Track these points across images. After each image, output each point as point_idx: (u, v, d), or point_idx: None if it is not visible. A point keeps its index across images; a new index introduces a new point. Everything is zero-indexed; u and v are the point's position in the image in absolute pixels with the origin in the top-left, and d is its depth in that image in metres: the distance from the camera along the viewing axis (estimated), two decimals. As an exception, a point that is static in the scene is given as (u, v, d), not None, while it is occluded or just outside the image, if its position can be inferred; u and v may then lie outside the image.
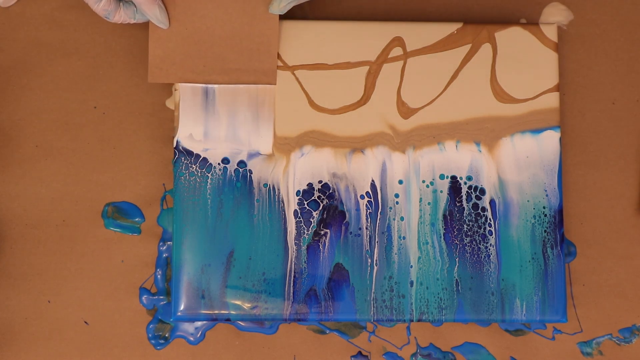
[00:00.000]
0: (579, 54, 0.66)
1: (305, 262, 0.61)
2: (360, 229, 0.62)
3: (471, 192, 0.62)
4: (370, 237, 0.62)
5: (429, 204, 0.62)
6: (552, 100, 0.63)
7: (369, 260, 0.61)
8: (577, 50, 0.66)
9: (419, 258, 0.62)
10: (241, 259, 0.61)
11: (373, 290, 0.61)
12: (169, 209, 0.64)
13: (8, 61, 0.65)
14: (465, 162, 0.63)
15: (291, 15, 0.66)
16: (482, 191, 0.62)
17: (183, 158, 0.62)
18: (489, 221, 0.62)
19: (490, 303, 0.61)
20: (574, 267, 0.65)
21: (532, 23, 0.64)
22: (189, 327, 0.63)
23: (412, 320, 0.61)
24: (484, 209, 0.62)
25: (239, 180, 0.62)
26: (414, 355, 0.64)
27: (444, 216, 0.62)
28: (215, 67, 0.62)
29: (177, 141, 0.62)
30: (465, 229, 0.62)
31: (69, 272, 0.63)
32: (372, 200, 0.62)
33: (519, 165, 0.63)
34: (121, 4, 0.60)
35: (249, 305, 0.61)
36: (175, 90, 0.62)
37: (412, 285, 0.61)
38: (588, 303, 0.64)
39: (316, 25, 0.63)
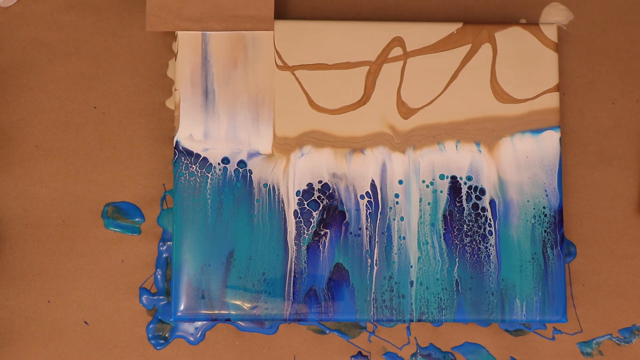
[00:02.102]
0: (579, 54, 0.66)
1: (305, 262, 0.61)
2: (360, 229, 0.62)
3: (471, 192, 0.62)
4: (370, 237, 0.62)
5: (429, 204, 0.62)
6: (552, 100, 0.63)
7: (369, 260, 0.61)
8: (577, 50, 0.66)
9: (419, 258, 0.62)
10: (241, 259, 0.61)
11: (373, 290, 0.61)
12: (169, 209, 0.64)
13: (8, 61, 0.65)
14: (465, 162, 0.63)
15: (290, 15, 0.66)
16: (482, 191, 0.62)
17: (183, 158, 0.62)
18: (489, 221, 0.62)
19: (490, 303, 0.61)
20: (574, 267, 0.65)
21: (532, 23, 0.64)
22: (189, 327, 0.63)
23: (412, 320, 0.61)
24: (484, 209, 0.62)
25: (239, 181, 0.62)
26: (414, 355, 0.64)
27: (444, 216, 0.62)
28: (212, 15, 0.62)
29: (177, 141, 0.62)
30: (465, 229, 0.62)
31: (69, 272, 0.63)
32: (372, 200, 0.62)
33: (519, 165, 0.62)
34: None
35: (249, 305, 0.61)
36: (175, 90, 0.62)
37: (412, 286, 0.61)
38: (588, 303, 0.64)
39: (316, 25, 0.63)
